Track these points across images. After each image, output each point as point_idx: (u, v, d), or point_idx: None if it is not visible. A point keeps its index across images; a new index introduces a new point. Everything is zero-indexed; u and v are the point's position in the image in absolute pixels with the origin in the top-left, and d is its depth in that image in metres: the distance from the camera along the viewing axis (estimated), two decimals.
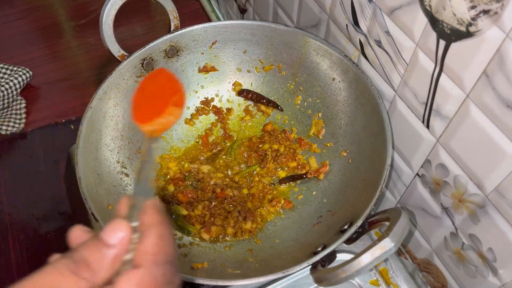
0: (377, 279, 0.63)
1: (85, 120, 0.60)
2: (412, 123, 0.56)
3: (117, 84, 0.65)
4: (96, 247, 0.28)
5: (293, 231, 0.63)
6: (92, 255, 0.28)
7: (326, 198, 0.64)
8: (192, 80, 0.74)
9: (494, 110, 0.43)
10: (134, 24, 1.10)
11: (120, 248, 0.29)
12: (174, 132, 0.73)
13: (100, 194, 0.59)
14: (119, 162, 0.65)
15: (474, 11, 0.40)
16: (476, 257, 0.54)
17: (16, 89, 0.91)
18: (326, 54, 0.65)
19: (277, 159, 0.70)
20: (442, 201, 0.56)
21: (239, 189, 0.68)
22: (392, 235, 0.45)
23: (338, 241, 0.51)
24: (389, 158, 0.55)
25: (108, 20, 0.63)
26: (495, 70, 0.41)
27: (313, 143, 0.70)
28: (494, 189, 0.47)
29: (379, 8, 0.53)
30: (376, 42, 0.56)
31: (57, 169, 0.86)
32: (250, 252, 0.62)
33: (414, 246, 0.66)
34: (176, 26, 0.69)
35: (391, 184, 0.66)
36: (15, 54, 1.03)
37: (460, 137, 0.49)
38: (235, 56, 0.73)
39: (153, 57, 0.68)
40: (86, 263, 0.28)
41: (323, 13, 0.66)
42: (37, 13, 1.13)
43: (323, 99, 0.69)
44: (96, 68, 1.02)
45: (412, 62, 0.51)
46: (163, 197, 0.66)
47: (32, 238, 0.78)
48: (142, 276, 0.28)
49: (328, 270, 0.48)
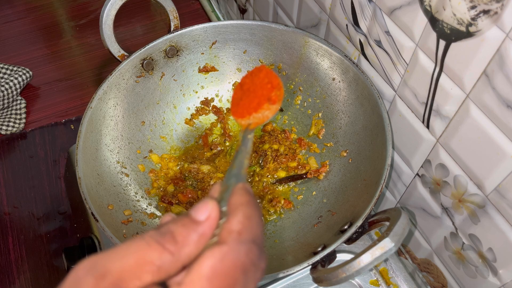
0: (377, 279, 0.63)
1: (85, 120, 0.60)
2: (412, 123, 0.56)
3: (117, 84, 0.65)
4: (184, 222, 0.28)
5: (293, 231, 0.63)
6: (179, 229, 0.28)
7: (326, 198, 0.64)
8: (192, 80, 0.74)
9: (494, 110, 0.43)
10: (134, 24, 1.10)
11: (208, 226, 0.28)
12: (174, 132, 0.73)
13: (100, 194, 0.59)
14: (119, 162, 0.65)
15: (474, 11, 0.40)
16: (476, 257, 0.54)
17: (16, 89, 0.91)
18: (326, 54, 0.66)
19: (277, 159, 0.70)
20: (442, 201, 0.56)
21: None
22: (392, 235, 0.45)
23: (338, 241, 0.51)
24: (389, 158, 0.55)
25: (108, 20, 0.63)
26: (495, 70, 0.41)
27: (313, 143, 0.70)
28: (494, 189, 0.47)
29: (379, 8, 0.53)
30: (376, 42, 0.56)
31: (57, 169, 0.86)
32: None
33: (414, 246, 0.66)
34: (176, 26, 0.69)
35: (391, 184, 0.66)
36: (15, 54, 1.03)
37: (460, 137, 0.49)
38: (235, 56, 0.73)
39: (153, 57, 0.68)
40: (172, 236, 0.27)
41: (323, 13, 0.66)
42: (37, 13, 1.13)
43: (323, 99, 0.69)
44: (96, 68, 1.02)
45: (412, 62, 0.51)
46: (163, 197, 0.66)
47: (32, 238, 0.78)
48: (225, 253, 0.27)
49: (328, 270, 0.48)
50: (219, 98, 0.76)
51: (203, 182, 0.69)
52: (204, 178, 0.69)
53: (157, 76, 0.70)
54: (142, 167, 0.68)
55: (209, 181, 0.69)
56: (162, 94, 0.71)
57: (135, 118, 0.69)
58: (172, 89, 0.72)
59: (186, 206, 0.66)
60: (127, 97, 0.67)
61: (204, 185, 0.68)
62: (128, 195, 0.64)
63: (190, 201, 0.66)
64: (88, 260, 0.26)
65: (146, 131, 0.70)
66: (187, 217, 0.28)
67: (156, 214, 0.64)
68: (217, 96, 0.75)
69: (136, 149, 0.68)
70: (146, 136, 0.70)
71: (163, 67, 0.70)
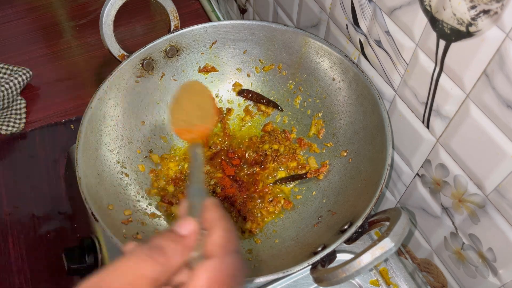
0: (377, 279, 0.63)
1: (85, 120, 0.60)
2: (412, 123, 0.56)
3: (117, 84, 0.65)
4: (170, 236, 0.32)
5: (293, 231, 0.63)
6: (166, 243, 0.32)
7: (326, 198, 0.64)
8: (192, 80, 0.74)
9: (494, 110, 0.43)
10: (134, 24, 1.10)
11: (191, 238, 0.33)
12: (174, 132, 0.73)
13: (100, 194, 0.59)
14: (119, 162, 0.65)
15: (474, 11, 0.40)
16: (476, 257, 0.54)
17: (16, 89, 0.91)
18: (326, 54, 0.66)
19: (277, 159, 0.70)
20: (442, 201, 0.56)
21: (240, 189, 0.68)
22: (392, 235, 0.45)
23: (338, 241, 0.51)
24: (389, 158, 0.55)
25: (108, 20, 0.63)
26: (495, 70, 0.41)
27: (313, 143, 0.70)
28: (494, 189, 0.47)
29: (379, 8, 0.53)
30: (376, 42, 0.56)
31: (57, 169, 0.86)
32: (250, 252, 0.62)
33: (414, 246, 0.66)
34: (176, 26, 0.69)
35: (391, 184, 0.66)
36: (15, 54, 1.03)
37: (460, 137, 0.49)
38: (235, 56, 0.73)
39: (153, 57, 0.68)
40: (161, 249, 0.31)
41: (323, 13, 0.66)
42: (37, 13, 1.12)
43: (323, 99, 0.69)
44: (96, 68, 1.02)
45: (412, 62, 0.51)
46: (163, 197, 0.66)
47: (32, 238, 0.78)
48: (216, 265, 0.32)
49: (328, 270, 0.48)
50: (219, 98, 0.76)
51: None
52: (204, 177, 0.69)
53: (157, 76, 0.70)
54: (142, 167, 0.68)
55: (209, 181, 0.69)
56: (162, 94, 0.71)
57: (135, 118, 0.69)
58: (172, 89, 0.72)
59: None
60: (127, 97, 0.67)
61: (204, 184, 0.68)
62: (128, 195, 0.64)
63: None
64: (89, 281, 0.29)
65: (146, 131, 0.70)
66: (172, 233, 0.33)
67: (157, 214, 0.64)
68: (217, 97, 0.75)
69: (136, 149, 0.68)
70: (146, 136, 0.70)
71: (163, 67, 0.70)
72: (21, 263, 0.76)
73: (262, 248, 0.62)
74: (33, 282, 0.74)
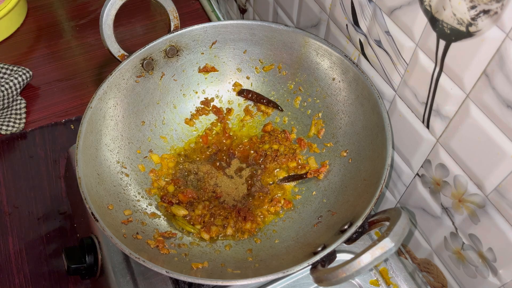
0: (377, 279, 0.63)
1: (85, 120, 0.61)
2: (412, 123, 0.56)
3: (117, 84, 0.65)
4: None
5: (293, 231, 0.63)
6: None
7: (326, 198, 0.64)
8: (192, 80, 0.74)
9: (494, 110, 0.43)
10: (134, 24, 1.10)
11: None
12: (174, 132, 0.73)
13: (100, 194, 0.59)
14: (119, 162, 0.65)
15: (474, 11, 0.40)
16: (476, 257, 0.54)
17: (16, 89, 0.91)
18: (326, 54, 0.66)
19: (277, 159, 0.70)
20: (442, 201, 0.56)
21: (239, 189, 0.68)
22: (392, 235, 0.45)
23: (338, 241, 0.51)
24: (389, 158, 0.55)
25: (108, 20, 0.63)
26: (495, 70, 0.41)
27: (313, 143, 0.70)
28: (494, 189, 0.47)
29: (379, 8, 0.53)
30: (376, 42, 0.56)
31: (57, 169, 0.86)
32: (250, 252, 0.62)
33: (414, 246, 0.66)
34: (176, 26, 0.69)
35: (391, 184, 0.66)
36: (15, 54, 1.03)
37: (460, 137, 0.49)
38: (235, 56, 0.73)
39: (153, 57, 0.68)
40: None
41: (323, 13, 0.66)
42: (37, 13, 1.13)
43: (323, 99, 0.69)
44: (96, 68, 1.02)
45: (412, 62, 0.51)
46: (163, 197, 0.66)
47: (32, 238, 0.78)
48: None
49: (328, 270, 0.48)
50: (219, 98, 0.76)
51: (203, 181, 0.69)
52: (204, 177, 0.69)
53: (157, 76, 0.70)
54: (142, 167, 0.68)
55: (209, 181, 0.69)
56: (162, 94, 0.71)
57: (135, 118, 0.69)
58: (172, 89, 0.72)
59: (186, 206, 0.66)
60: (127, 97, 0.67)
61: (204, 184, 0.68)
62: (128, 195, 0.64)
63: (190, 201, 0.66)
64: None
65: (146, 131, 0.70)
66: None
67: (157, 214, 0.64)
68: (217, 97, 0.75)
69: (136, 149, 0.68)
70: (146, 136, 0.70)
71: (163, 67, 0.70)
72: (21, 263, 0.76)
73: (262, 248, 0.62)
74: (33, 282, 0.74)
